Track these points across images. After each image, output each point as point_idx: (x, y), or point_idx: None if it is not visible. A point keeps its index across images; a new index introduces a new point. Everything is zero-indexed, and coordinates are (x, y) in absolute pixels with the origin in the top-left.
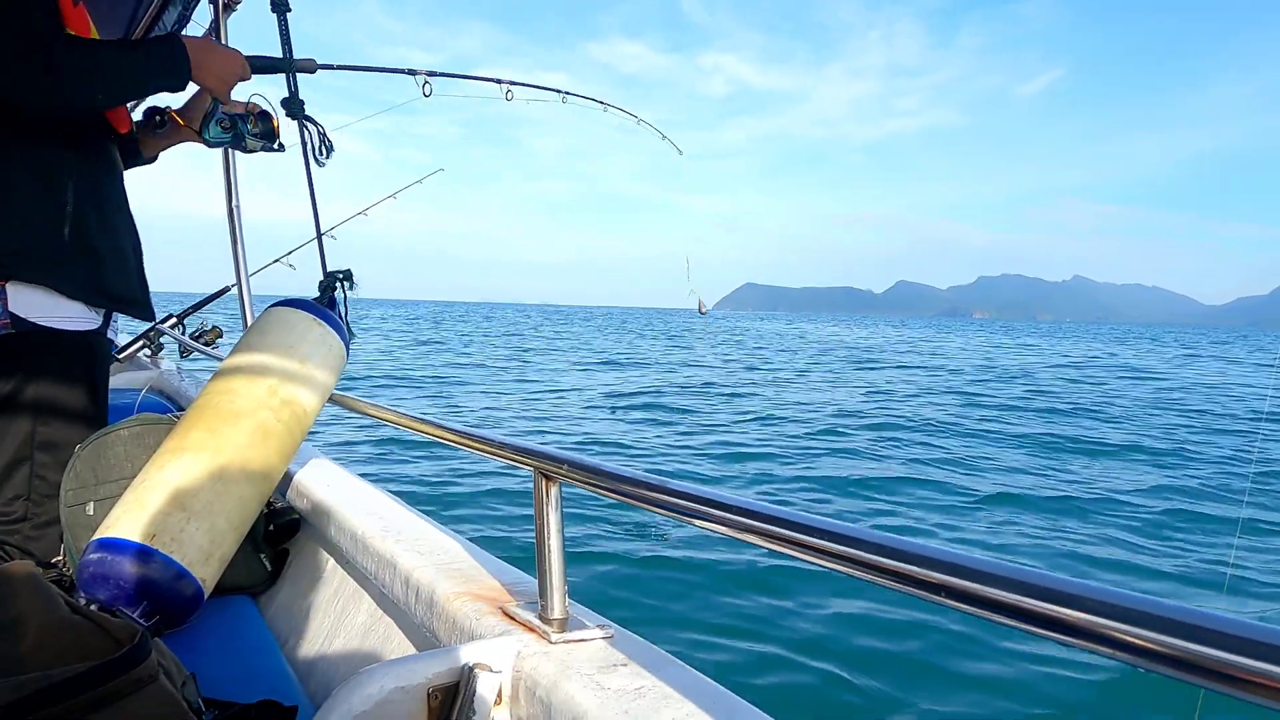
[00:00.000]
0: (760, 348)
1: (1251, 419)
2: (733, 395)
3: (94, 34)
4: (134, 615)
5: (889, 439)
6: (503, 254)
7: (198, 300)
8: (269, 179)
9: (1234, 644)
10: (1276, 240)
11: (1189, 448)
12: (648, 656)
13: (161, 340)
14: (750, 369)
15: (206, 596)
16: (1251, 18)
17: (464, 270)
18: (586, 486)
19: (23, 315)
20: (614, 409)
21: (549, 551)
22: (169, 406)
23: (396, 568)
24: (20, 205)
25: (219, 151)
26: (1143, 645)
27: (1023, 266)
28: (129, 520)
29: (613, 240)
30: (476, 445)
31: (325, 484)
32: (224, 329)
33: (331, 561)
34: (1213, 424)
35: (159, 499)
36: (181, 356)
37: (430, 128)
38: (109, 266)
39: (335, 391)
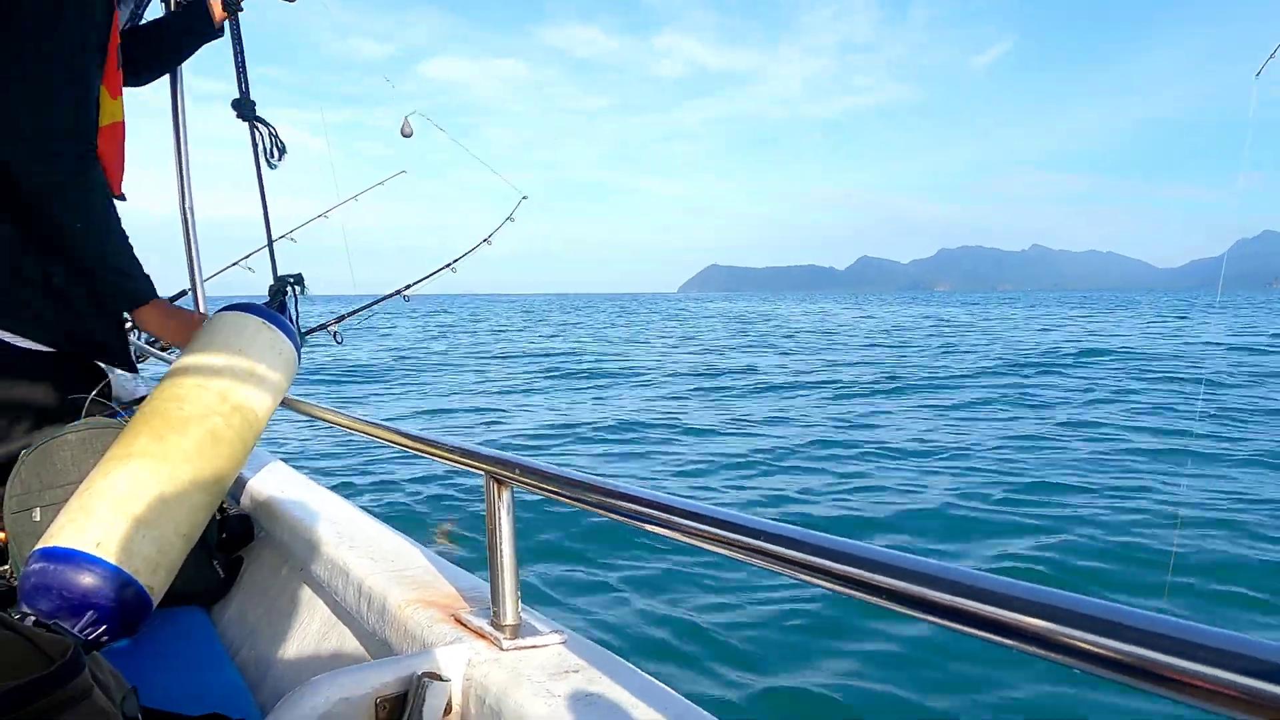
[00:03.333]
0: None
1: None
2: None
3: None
4: (78, 626)
5: None
6: (464, 245)
7: None
8: (227, 175)
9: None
10: (1222, 202)
11: None
12: (601, 662)
13: None
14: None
15: (155, 605)
16: None
17: (425, 263)
18: (538, 490)
19: None
20: None
21: (501, 557)
22: (120, 412)
23: (349, 575)
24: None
25: (170, 145)
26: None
27: (982, 238)
28: (73, 528)
29: (576, 228)
30: (426, 449)
31: (279, 489)
32: None
33: (286, 568)
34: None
35: (104, 506)
36: (136, 360)
37: (388, 120)
38: (91, 314)
39: (287, 396)
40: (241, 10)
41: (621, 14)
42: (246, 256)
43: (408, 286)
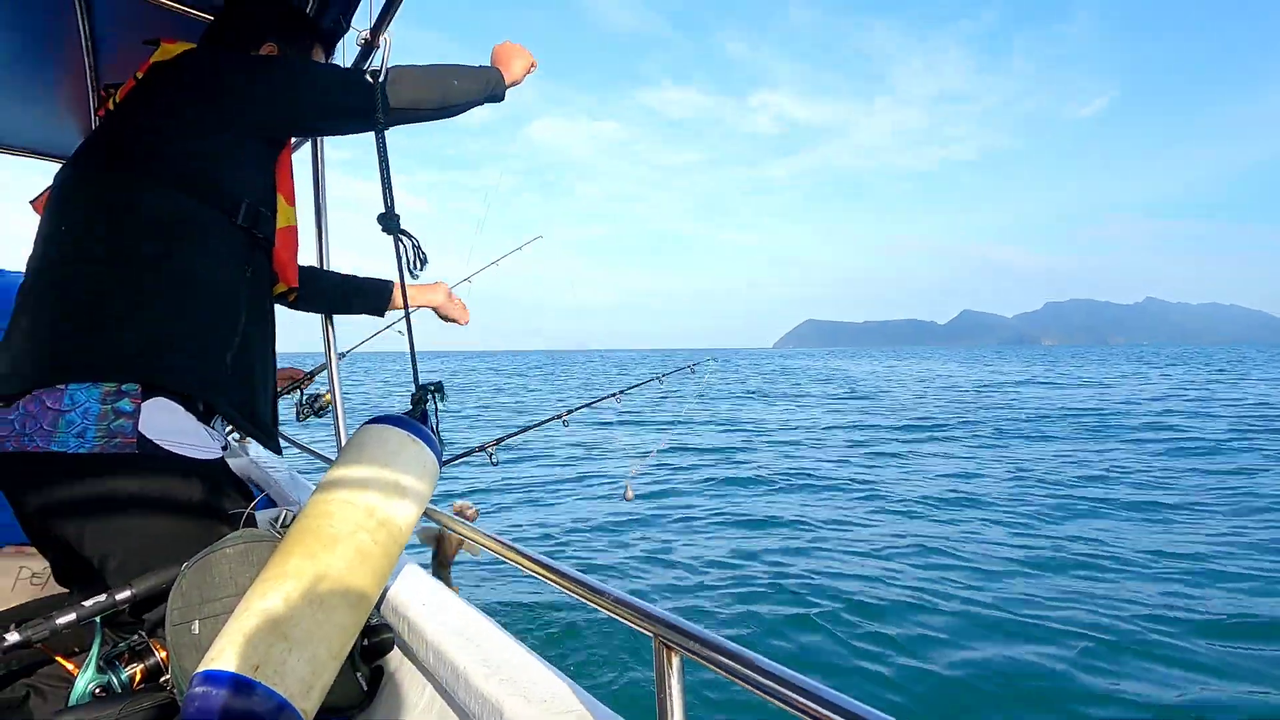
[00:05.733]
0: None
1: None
2: None
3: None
4: None
5: None
6: (553, 299)
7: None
8: (357, 248)
9: None
10: None
11: None
12: None
13: None
14: None
15: None
16: None
17: (516, 318)
18: (710, 666)
19: (149, 437)
20: None
21: None
22: (263, 500)
23: (503, 715)
24: (195, 329)
25: (310, 226)
26: None
27: (1092, 290)
28: (233, 650)
29: (663, 281)
30: (589, 596)
31: (421, 602)
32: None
33: (429, 689)
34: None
35: (262, 628)
36: (298, 419)
37: (484, 180)
38: (259, 396)
39: (429, 507)
40: (386, 128)
41: (714, 73)
42: (375, 334)
43: (569, 411)
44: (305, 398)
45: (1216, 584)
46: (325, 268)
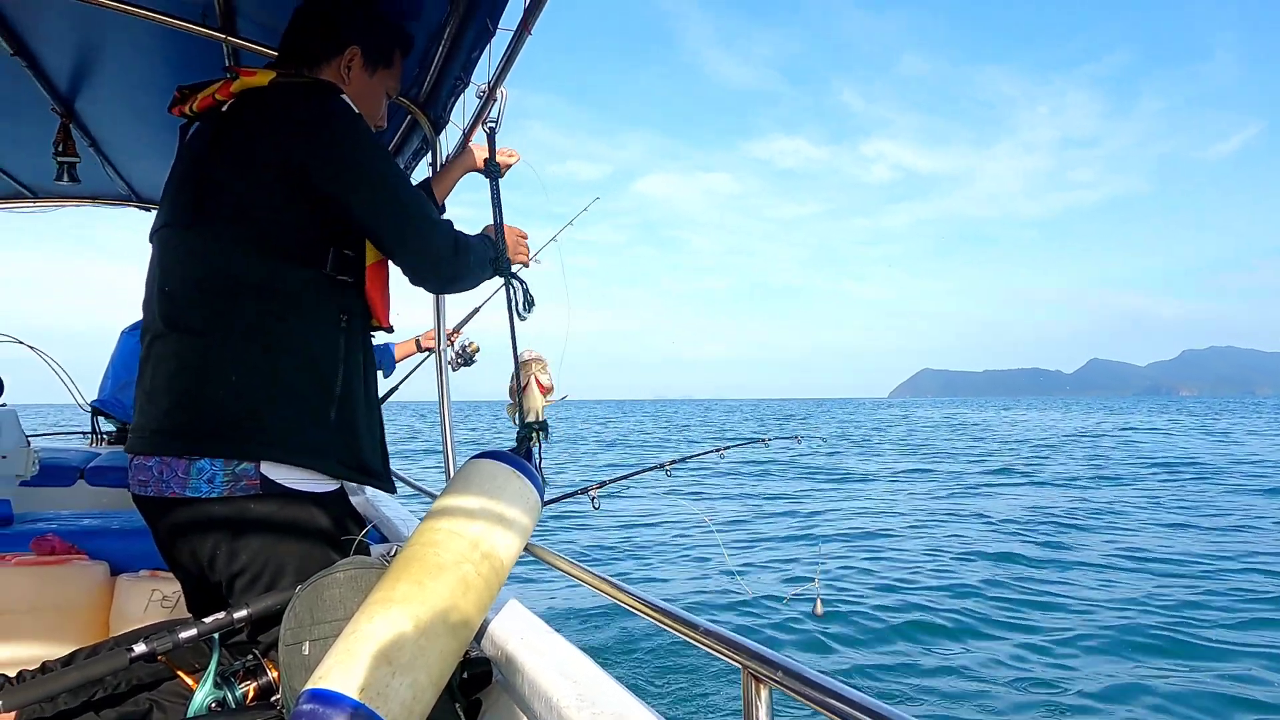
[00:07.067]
0: None
1: None
2: None
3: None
4: None
5: None
6: (670, 352)
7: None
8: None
9: None
10: None
11: None
12: None
13: None
14: None
15: None
16: None
17: (634, 370)
18: (801, 699)
19: (271, 478)
20: None
21: None
22: (375, 533)
23: None
24: (296, 394)
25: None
26: None
27: (1233, 338)
28: (340, 671)
29: (776, 333)
30: (678, 628)
31: (519, 635)
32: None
33: None
34: None
35: (368, 651)
36: (452, 370)
37: (596, 234)
38: (364, 444)
39: (530, 543)
40: (501, 177)
41: (827, 123)
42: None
43: (671, 462)
44: (455, 351)
45: None
46: (442, 326)
